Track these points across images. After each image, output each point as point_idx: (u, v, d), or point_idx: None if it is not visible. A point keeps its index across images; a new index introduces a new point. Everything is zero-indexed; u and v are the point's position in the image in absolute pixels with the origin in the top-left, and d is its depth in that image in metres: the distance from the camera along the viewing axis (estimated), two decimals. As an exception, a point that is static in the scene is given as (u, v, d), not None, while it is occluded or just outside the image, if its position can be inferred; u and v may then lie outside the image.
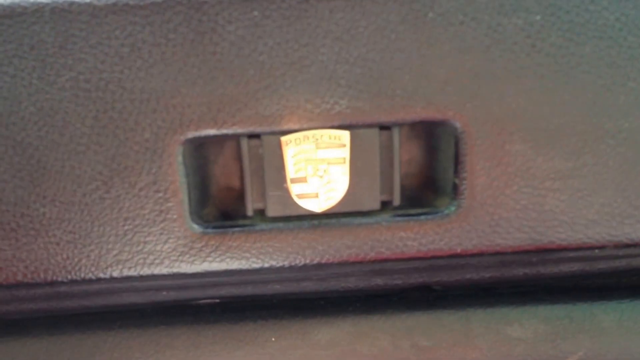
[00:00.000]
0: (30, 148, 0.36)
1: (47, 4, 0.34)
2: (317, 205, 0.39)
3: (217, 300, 0.42)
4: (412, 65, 0.36)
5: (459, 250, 0.40)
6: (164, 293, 0.41)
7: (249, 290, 0.42)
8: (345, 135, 0.37)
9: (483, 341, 0.41)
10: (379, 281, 0.42)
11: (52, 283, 0.39)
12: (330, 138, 0.37)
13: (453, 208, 0.39)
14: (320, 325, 0.41)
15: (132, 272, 0.39)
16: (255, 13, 0.34)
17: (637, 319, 0.42)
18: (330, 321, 0.41)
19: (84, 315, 0.41)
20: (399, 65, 0.36)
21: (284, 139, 0.37)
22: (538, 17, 0.35)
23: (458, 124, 0.37)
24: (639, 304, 0.42)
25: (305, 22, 0.35)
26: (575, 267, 0.42)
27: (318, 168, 0.38)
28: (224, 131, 0.36)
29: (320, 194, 0.38)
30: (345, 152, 0.37)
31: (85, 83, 0.35)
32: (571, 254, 0.41)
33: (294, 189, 0.38)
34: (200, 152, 0.39)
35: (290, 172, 0.38)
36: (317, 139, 0.37)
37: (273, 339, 0.41)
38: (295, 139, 0.37)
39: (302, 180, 0.38)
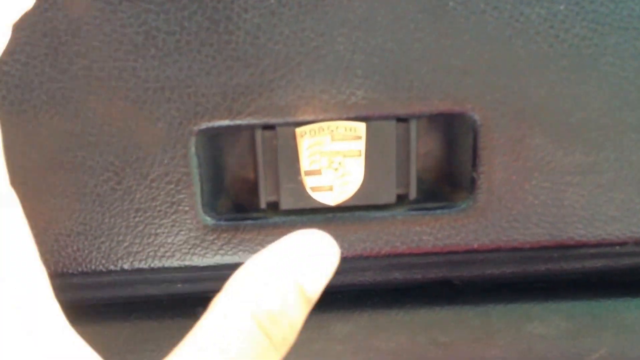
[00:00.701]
0: (44, 137, 0.36)
1: (61, -10, 0.34)
2: (331, 198, 0.38)
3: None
4: (431, 56, 0.35)
5: (475, 246, 0.39)
6: (179, 285, 0.41)
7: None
8: (361, 128, 0.37)
9: (503, 338, 0.41)
10: (397, 275, 0.42)
11: (63, 274, 0.39)
12: (346, 130, 0.36)
13: (470, 202, 0.39)
14: (337, 320, 0.41)
15: (143, 265, 0.39)
16: (272, 1, 0.34)
17: (661, 316, 0.42)
18: (347, 315, 0.41)
19: (98, 307, 0.41)
20: (417, 56, 0.35)
21: (298, 130, 0.36)
22: (562, 7, 0.35)
23: (477, 117, 0.37)
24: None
25: (322, 11, 0.34)
26: (597, 263, 0.42)
27: (333, 160, 0.37)
28: (238, 122, 0.36)
29: (335, 186, 0.38)
30: (361, 145, 0.37)
31: (99, 71, 0.35)
32: (591, 250, 0.41)
33: (308, 182, 0.38)
34: (214, 143, 0.38)
35: (305, 164, 0.37)
36: (332, 131, 0.36)
37: (289, 333, 0.41)
38: (310, 131, 0.36)
39: (317, 172, 0.38)
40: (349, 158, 0.37)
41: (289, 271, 0.29)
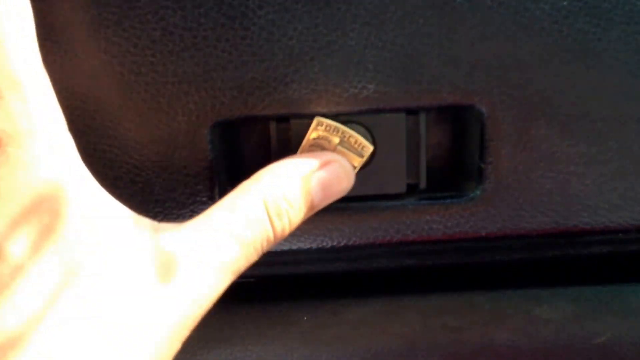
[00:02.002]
0: None
1: (81, -13, 0.34)
2: None
3: (252, 280, 0.42)
4: (440, 50, 0.36)
5: (484, 233, 0.40)
6: None
7: (281, 270, 0.42)
8: (368, 149, 0.37)
9: (512, 322, 0.42)
10: (409, 262, 0.42)
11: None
12: (356, 142, 0.37)
13: (478, 192, 0.39)
14: (351, 305, 0.42)
15: None
16: None
17: (666, 300, 0.42)
18: (361, 301, 0.42)
19: None
20: (426, 50, 0.36)
21: (318, 119, 0.37)
22: (565, 3, 0.36)
23: (484, 109, 0.37)
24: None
25: (335, 7, 0.35)
26: (602, 249, 0.42)
27: None
28: (254, 115, 0.37)
29: None
30: (359, 162, 0.37)
31: (119, 67, 0.35)
32: (595, 238, 0.41)
33: None
34: (230, 135, 0.39)
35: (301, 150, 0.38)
36: (344, 137, 0.37)
37: (305, 318, 0.41)
38: (327, 126, 0.37)
39: None
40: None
41: (305, 180, 0.34)
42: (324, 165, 0.35)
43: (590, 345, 0.42)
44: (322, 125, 0.36)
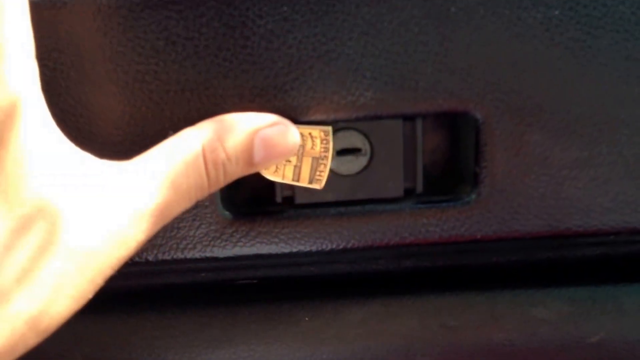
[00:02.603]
0: (69, 138, 0.35)
1: (87, -1, 0.35)
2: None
3: (255, 281, 0.43)
4: (435, 58, 0.37)
5: (479, 236, 0.40)
6: (202, 274, 0.42)
7: (282, 272, 0.43)
8: (318, 184, 0.38)
9: (508, 322, 0.42)
10: (407, 264, 0.43)
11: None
12: (319, 171, 0.37)
13: (473, 196, 0.40)
14: (351, 306, 0.42)
15: (166, 256, 0.40)
16: (285, 8, 0.35)
17: (659, 301, 0.43)
18: (361, 301, 0.42)
19: (124, 295, 0.42)
20: (422, 58, 0.37)
21: (328, 128, 0.37)
22: (557, 12, 0.36)
23: (479, 115, 0.38)
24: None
25: (333, 17, 0.36)
26: (595, 251, 0.43)
27: (291, 161, 0.38)
28: None
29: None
30: (301, 182, 0.38)
31: (123, 75, 0.36)
32: (588, 240, 0.41)
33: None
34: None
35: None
36: (321, 159, 0.37)
37: (306, 319, 0.42)
38: (325, 140, 0.37)
39: None
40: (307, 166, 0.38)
41: (248, 134, 0.34)
42: (271, 124, 0.35)
43: (584, 345, 0.42)
44: (327, 135, 0.37)
